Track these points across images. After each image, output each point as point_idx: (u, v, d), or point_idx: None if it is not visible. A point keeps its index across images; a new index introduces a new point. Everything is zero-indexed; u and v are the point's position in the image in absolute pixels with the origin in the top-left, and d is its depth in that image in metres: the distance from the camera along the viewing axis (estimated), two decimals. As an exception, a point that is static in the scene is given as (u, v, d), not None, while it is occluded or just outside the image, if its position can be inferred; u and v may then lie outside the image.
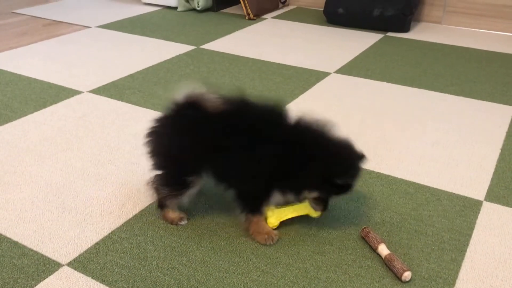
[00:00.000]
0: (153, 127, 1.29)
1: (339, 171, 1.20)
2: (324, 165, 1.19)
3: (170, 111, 1.26)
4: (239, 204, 1.28)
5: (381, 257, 1.21)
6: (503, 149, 1.73)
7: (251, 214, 1.27)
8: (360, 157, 1.23)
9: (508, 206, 1.42)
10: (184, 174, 1.26)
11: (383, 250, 1.21)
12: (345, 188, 1.24)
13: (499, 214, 1.39)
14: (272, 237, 1.26)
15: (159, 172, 1.30)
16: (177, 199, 1.30)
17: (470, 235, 1.31)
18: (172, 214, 1.34)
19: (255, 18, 3.33)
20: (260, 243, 1.26)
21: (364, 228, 1.28)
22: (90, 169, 1.59)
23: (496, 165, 1.63)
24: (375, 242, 1.23)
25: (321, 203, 1.26)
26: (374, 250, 1.23)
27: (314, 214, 1.30)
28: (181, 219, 1.34)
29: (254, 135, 1.21)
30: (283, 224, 1.32)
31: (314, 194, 1.24)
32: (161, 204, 1.34)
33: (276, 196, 1.26)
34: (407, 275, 1.14)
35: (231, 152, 1.21)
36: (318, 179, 1.20)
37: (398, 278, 1.15)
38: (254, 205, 1.27)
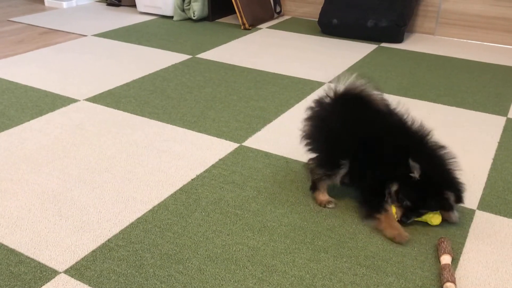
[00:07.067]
0: (312, 112, 1.43)
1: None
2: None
3: (331, 97, 1.40)
4: (366, 203, 1.41)
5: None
6: (495, 159, 1.75)
7: (377, 213, 1.36)
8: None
9: (501, 215, 1.45)
10: (339, 157, 1.38)
11: (443, 259, 1.24)
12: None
13: (491, 223, 1.41)
14: (402, 237, 1.31)
15: (314, 155, 1.44)
16: (330, 180, 1.42)
17: (463, 244, 1.33)
18: (323, 196, 1.46)
19: (250, 28, 3.36)
20: (387, 237, 1.33)
21: (442, 237, 1.31)
22: (87, 177, 1.60)
23: (489, 175, 1.65)
24: (442, 251, 1.26)
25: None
26: (438, 257, 1.27)
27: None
28: (329, 202, 1.45)
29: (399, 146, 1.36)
30: (279, 230, 1.34)
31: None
32: (314, 186, 1.47)
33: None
34: (448, 285, 1.16)
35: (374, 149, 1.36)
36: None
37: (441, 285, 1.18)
38: (378, 204, 1.37)
